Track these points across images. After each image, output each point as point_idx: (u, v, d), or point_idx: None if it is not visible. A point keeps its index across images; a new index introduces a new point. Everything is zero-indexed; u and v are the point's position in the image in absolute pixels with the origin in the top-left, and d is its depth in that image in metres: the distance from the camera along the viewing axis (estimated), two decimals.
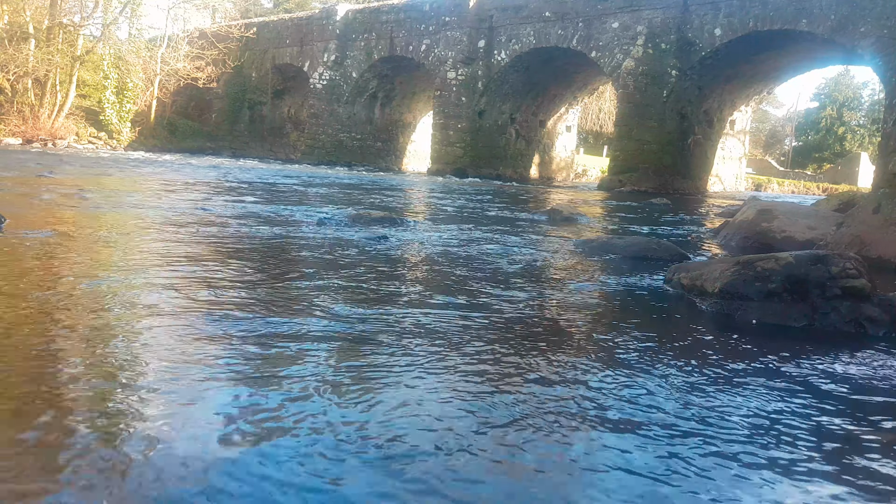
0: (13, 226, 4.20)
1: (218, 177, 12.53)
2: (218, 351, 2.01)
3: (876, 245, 4.79)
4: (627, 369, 2.08)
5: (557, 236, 6.04)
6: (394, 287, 3.23)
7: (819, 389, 2.02)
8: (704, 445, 1.55)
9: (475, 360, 2.09)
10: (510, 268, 3.98)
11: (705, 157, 20.66)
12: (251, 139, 30.64)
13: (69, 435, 1.39)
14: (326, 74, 27.08)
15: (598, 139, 40.97)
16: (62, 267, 3.12)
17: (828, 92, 54.07)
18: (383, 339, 2.25)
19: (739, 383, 2.02)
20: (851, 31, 15.35)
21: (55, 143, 22.07)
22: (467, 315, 2.67)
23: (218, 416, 1.54)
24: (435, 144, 24.04)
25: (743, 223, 6.26)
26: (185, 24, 30.82)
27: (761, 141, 56.76)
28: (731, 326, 2.80)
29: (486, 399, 1.75)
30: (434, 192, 13.07)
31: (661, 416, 1.72)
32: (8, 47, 22.47)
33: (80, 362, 1.82)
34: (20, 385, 1.65)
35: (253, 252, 3.99)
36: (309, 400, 1.67)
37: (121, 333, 2.12)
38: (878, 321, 2.76)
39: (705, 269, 3.23)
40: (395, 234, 5.21)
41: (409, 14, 24.68)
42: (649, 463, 1.44)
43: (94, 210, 5.73)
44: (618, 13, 19.29)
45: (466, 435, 1.51)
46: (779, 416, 1.77)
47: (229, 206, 6.91)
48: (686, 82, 18.54)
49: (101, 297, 2.55)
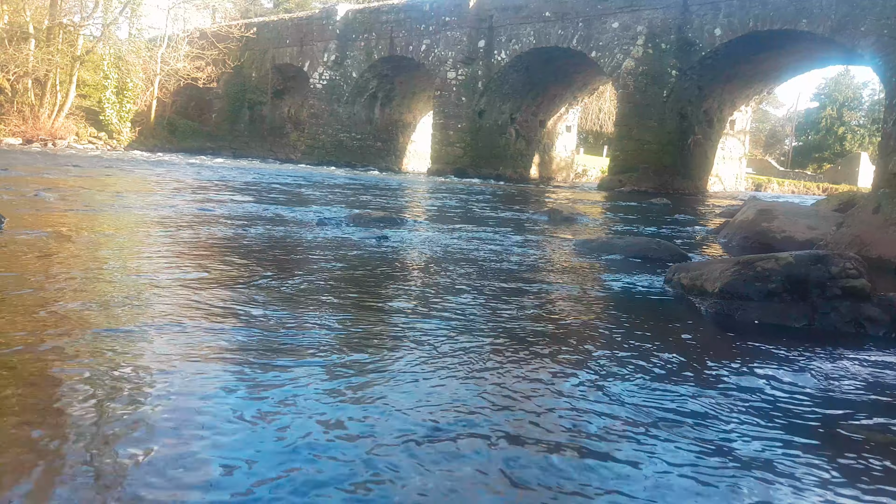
0: (12, 225, 4.20)
1: (218, 177, 12.53)
2: (217, 350, 2.01)
3: (876, 245, 4.78)
4: (627, 370, 2.08)
5: (557, 236, 6.04)
6: (394, 287, 3.23)
7: (819, 390, 2.02)
8: (704, 446, 1.55)
9: (475, 360, 2.09)
10: (510, 268, 3.98)
11: (705, 157, 20.67)
12: (251, 139, 30.64)
13: (65, 428, 1.39)
14: (326, 74, 27.08)
15: (598, 139, 40.98)
16: (62, 267, 3.12)
17: (828, 92, 54.08)
18: (383, 340, 2.25)
19: (739, 383, 2.02)
20: (851, 31, 15.35)
21: (55, 143, 22.07)
22: (467, 315, 2.67)
23: (217, 415, 1.54)
24: (435, 144, 24.04)
25: (743, 223, 6.26)
26: (185, 24, 30.83)
27: (761, 141, 56.75)
28: (731, 326, 2.80)
29: (485, 399, 1.75)
30: (434, 192, 13.07)
31: (660, 416, 1.72)
32: (8, 47, 22.47)
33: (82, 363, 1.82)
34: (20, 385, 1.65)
35: (253, 252, 3.99)
36: (307, 399, 1.67)
37: (120, 333, 2.12)
38: (878, 321, 2.76)
39: (705, 269, 3.23)
40: (395, 234, 5.21)
41: (409, 14, 24.68)
42: (649, 463, 1.44)
43: (94, 211, 5.73)
44: (618, 13, 19.29)
45: (459, 432, 1.52)
46: (779, 416, 1.77)
47: (229, 206, 6.91)
48: (686, 82, 18.54)
49: (100, 297, 2.55)
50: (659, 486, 1.34)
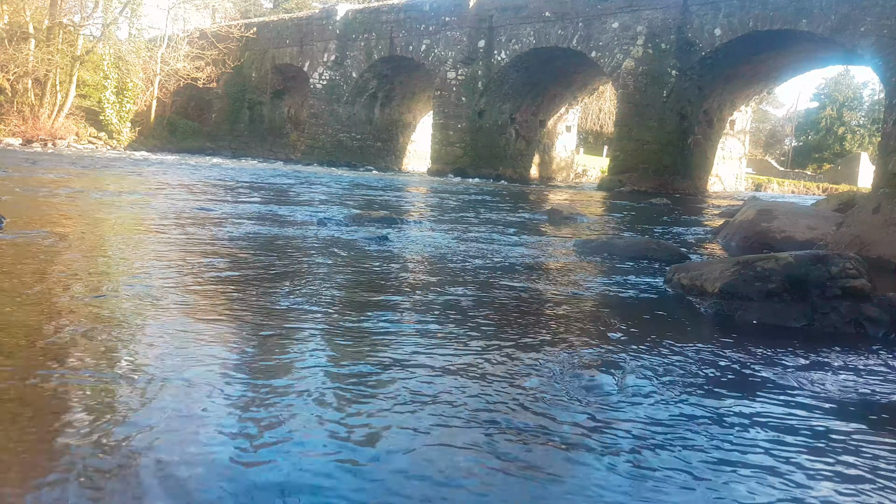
0: (12, 225, 4.20)
1: (218, 177, 12.52)
2: (216, 350, 2.01)
3: (876, 245, 4.78)
4: (626, 370, 2.08)
5: (557, 236, 6.04)
6: (394, 287, 3.23)
7: (819, 390, 2.01)
8: (703, 444, 1.55)
9: (474, 359, 2.08)
10: (510, 268, 3.98)
11: (705, 157, 20.66)
12: (251, 139, 30.63)
13: (64, 422, 1.39)
14: (326, 74, 27.07)
15: (598, 139, 40.97)
16: (61, 267, 3.12)
17: (828, 92, 54.06)
18: (383, 340, 2.25)
19: (739, 384, 2.02)
20: (851, 31, 15.34)
21: (55, 143, 22.06)
22: (467, 315, 2.67)
23: (216, 416, 1.54)
24: (435, 144, 24.03)
25: (743, 223, 6.26)
26: (185, 24, 30.85)
27: (761, 141, 56.74)
28: (730, 327, 2.80)
29: (483, 398, 1.75)
30: (434, 192, 13.07)
31: (660, 415, 1.71)
32: (8, 47, 22.47)
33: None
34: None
35: (253, 252, 3.99)
36: (305, 400, 1.66)
37: (119, 333, 2.12)
38: (878, 321, 2.76)
39: (705, 270, 3.23)
40: (395, 234, 5.21)
41: (409, 14, 24.67)
42: (647, 463, 1.44)
43: (94, 210, 5.73)
44: (618, 13, 19.28)
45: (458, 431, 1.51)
46: (778, 416, 1.77)
47: (229, 206, 6.91)
48: (686, 82, 18.53)
49: (99, 295, 2.55)
50: (658, 485, 1.34)
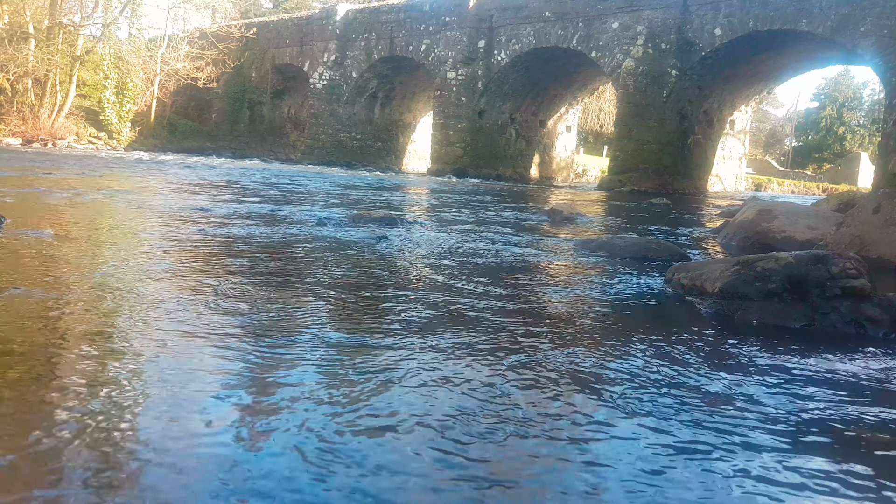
0: (12, 225, 4.20)
1: (218, 177, 12.53)
2: (216, 349, 2.01)
3: (876, 245, 4.78)
4: (626, 370, 2.08)
5: (557, 236, 6.04)
6: (394, 288, 3.23)
7: (819, 390, 2.01)
8: (703, 445, 1.55)
9: (474, 359, 2.08)
10: (510, 268, 3.98)
11: (705, 157, 20.65)
12: (251, 139, 30.62)
13: (61, 431, 1.39)
14: (326, 74, 27.06)
15: (598, 139, 40.96)
16: (62, 266, 3.12)
17: (828, 92, 54.05)
18: (382, 340, 2.25)
19: (738, 384, 2.02)
20: (851, 31, 15.34)
21: (55, 143, 22.06)
22: (466, 315, 2.67)
23: (215, 415, 1.54)
24: (435, 144, 24.03)
25: (743, 223, 6.26)
26: (185, 24, 30.83)
27: (761, 141, 56.75)
28: (730, 326, 2.80)
29: (482, 397, 1.75)
30: (434, 192, 13.07)
31: (660, 416, 1.71)
32: (8, 47, 22.46)
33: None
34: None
35: (253, 252, 3.99)
36: (304, 399, 1.67)
37: (119, 333, 2.12)
38: (878, 321, 2.76)
39: (705, 269, 3.23)
40: (395, 234, 5.21)
41: (409, 14, 24.66)
42: (646, 463, 1.44)
43: (94, 211, 5.73)
44: (618, 13, 19.28)
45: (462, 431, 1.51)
46: (778, 416, 1.77)
47: (229, 206, 6.91)
48: (686, 82, 18.53)
49: (99, 295, 2.55)
50: (658, 484, 1.34)
